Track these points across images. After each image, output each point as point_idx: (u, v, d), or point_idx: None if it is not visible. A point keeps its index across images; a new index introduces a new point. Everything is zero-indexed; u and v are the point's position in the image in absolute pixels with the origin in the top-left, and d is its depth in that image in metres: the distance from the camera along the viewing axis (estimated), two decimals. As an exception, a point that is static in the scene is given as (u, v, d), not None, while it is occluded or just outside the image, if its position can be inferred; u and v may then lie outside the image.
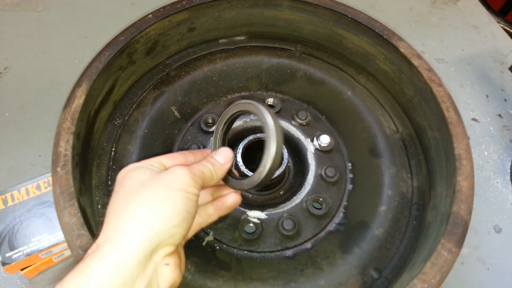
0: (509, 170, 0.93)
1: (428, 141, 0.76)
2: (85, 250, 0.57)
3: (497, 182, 0.91)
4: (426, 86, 0.73)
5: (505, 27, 1.82)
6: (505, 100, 1.02)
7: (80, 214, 0.58)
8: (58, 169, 0.62)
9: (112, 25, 0.84)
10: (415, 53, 0.76)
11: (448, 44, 1.11)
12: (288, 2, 0.82)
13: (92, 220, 0.65)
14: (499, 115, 1.00)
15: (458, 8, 1.20)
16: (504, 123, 0.99)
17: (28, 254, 0.72)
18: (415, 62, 0.74)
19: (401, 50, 0.76)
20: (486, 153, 0.95)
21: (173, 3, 0.80)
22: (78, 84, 0.69)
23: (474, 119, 0.99)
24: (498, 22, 1.80)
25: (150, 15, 0.77)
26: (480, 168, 0.93)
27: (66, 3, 1.11)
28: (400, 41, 0.77)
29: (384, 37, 0.77)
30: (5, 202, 0.76)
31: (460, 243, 0.59)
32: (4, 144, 0.91)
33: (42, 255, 0.74)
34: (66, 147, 0.63)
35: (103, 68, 0.71)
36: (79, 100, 0.67)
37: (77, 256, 0.57)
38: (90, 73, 0.70)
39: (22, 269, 0.74)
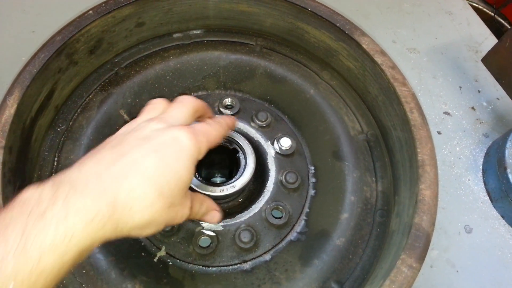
0: (481, 167, 0.90)
1: (393, 143, 0.71)
2: None
3: (469, 180, 0.88)
4: (389, 85, 0.68)
5: (485, 9, 1.77)
6: (479, 91, 0.98)
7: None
8: (-15, 189, 0.56)
9: (64, 17, 0.76)
10: (379, 49, 0.70)
11: (421, 33, 1.06)
12: (243, -6, 0.76)
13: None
14: (472, 107, 0.96)
15: (432, -7, 1.14)
16: (477, 116, 0.95)
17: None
18: (378, 59, 0.69)
19: (364, 46, 0.70)
20: (458, 148, 0.91)
21: (116, -3, 0.73)
22: (9, 92, 0.62)
23: (446, 113, 0.95)
24: (476, 4, 1.75)
25: (91, 11, 0.70)
26: (452, 165, 0.89)
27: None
28: (362, 36, 0.71)
29: (346, 32, 0.72)
30: None
31: (421, 258, 0.56)
32: None
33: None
34: (-6, 164, 0.57)
35: (38, 72, 0.64)
36: (10, 110, 0.61)
37: None
38: (23, 79, 0.63)
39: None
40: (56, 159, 0.71)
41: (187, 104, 0.55)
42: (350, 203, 0.69)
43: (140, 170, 0.44)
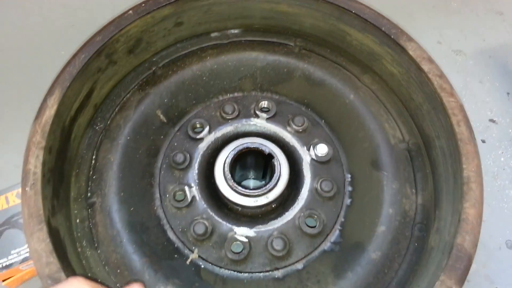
0: (527, 179, 0.85)
1: (436, 155, 0.68)
2: (54, 280, 0.53)
3: (513, 192, 0.84)
4: (436, 94, 0.65)
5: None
6: (528, 98, 0.93)
7: (49, 240, 0.55)
8: (27, 188, 0.57)
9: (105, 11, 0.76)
10: (426, 56, 0.67)
11: (468, 34, 1.01)
12: (285, -5, 0.74)
13: (67, 239, 0.62)
14: (520, 115, 0.91)
15: (482, -9, 1.08)
16: (525, 124, 0.90)
17: (8, 267, 0.70)
18: (425, 67, 0.66)
19: (410, 52, 0.67)
20: (502, 159, 0.87)
21: (155, -3, 0.72)
22: (49, 92, 0.63)
23: (491, 120, 0.90)
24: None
25: (131, 11, 0.70)
26: (495, 176, 0.85)
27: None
28: (409, 42, 0.68)
29: (392, 36, 0.69)
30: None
31: (462, 280, 0.54)
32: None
33: (23, 267, 0.71)
34: (36, 163, 0.58)
35: (78, 72, 0.65)
36: (50, 111, 0.62)
37: (46, 287, 0.53)
38: (63, 80, 0.64)
39: (3, 280, 0.72)
40: (94, 157, 0.72)
41: None
42: (387, 216, 0.67)
43: None
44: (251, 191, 0.68)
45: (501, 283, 0.76)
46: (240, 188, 0.68)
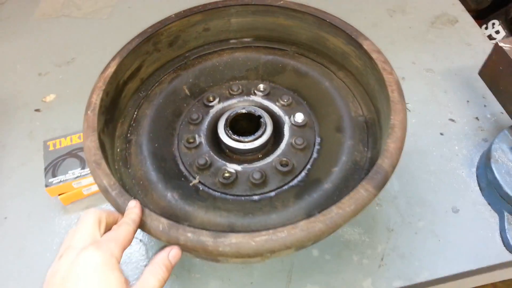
0: (476, 164, 1.02)
1: (382, 121, 0.90)
2: (97, 163, 0.79)
3: (463, 172, 1.01)
4: (380, 75, 0.88)
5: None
6: (485, 106, 1.12)
7: (98, 141, 0.81)
8: (89, 112, 0.86)
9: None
10: (376, 49, 0.92)
11: (439, 57, 1.24)
12: (281, 10, 1.04)
13: (109, 156, 0.88)
14: (476, 117, 1.10)
15: (455, 28, 1.32)
16: (480, 124, 1.09)
17: (64, 181, 0.97)
18: (374, 56, 0.90)
19: (365, 47, 0.92)
20: (456, 147, 1.05)
21: (191, 8, 1.05)
22: (112, 59, 0.94)
23: (451, 119, 1.10)
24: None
25: (173, 15, 1.03)
26: (449, 160, 1.03)
27: (127, 13, 1.42)
28: (365, 40, 0.94)
29: (353, 37, 0.95)
30: (54, 145, 1.02)
31: (378, 186, 0.73)
32: (64, 111, 1.20)
33: (74, 184, 0.98)
34: (97, 98, 0.88)
35: (133, 49, 0.96)
36: (111, 70, 0.92)
37: (92, 167, 0.79)
38: (122, 52, 0.95)
39: (59, 194, 0.99)
40: (135, 113, 1.01)
41: (87, 221, 0.59)
42: (342, 162, 0.88)
43: None
44: (242, 137, 0.93)
45: (444, 237, 0.92)
46: (234, 135, 0.93)
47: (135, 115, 1.00)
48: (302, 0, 1.35)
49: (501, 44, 0.94)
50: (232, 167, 0.91)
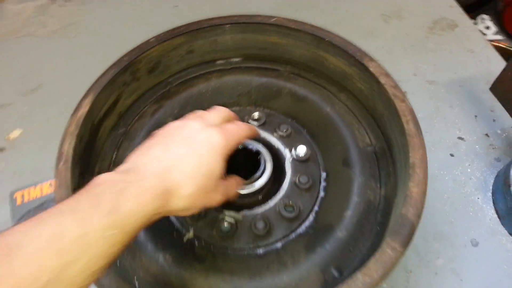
0: (491, 187, 0.95)
1: (395, 153, 0.81)
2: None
3: (478, 198, 0.94)
4: (390, 101, 0.79)
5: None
6: (494, 120, 1.05)
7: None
8: (60, 165, 0.73)
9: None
10: (383, 72, 0.82)
11: (441, 68, 1.16)
12: (274, 28, 0.92)
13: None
14: (486, 134, 1.03)
15: (456, 34, 1.24)
16: (491, 142, 1.01)
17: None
18: (382, 80, 0.81)
19: (371, 69, 0.82)
20: (469, 170, 0.97)
21: (173, 29, 0.92)
22: (85, 96, 0.81)
23: (460, 138, 1.02)
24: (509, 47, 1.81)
25: (153, 39, 0.90)
26: (462, 184, 0.96)
27: (98, 29, 1.28)
28: (370, 61, 0.84)
29: (357, 58, 0.85)
30: (22, 198, 0.89)
31: (405, 243, 0.64)
32: (32, 148, 1.06)
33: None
34: (69, 147, 0.75)
35: (108, 83, 0.83)
36: (84, 110, 0.79)
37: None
38: (96, 87, 0.82)
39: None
40: (114, 155, 0.88)
41: (220, 110, 0.70)
42: (354, 203, 0.79)
43: (182, 167, 0.56)
44: (242, 181, 0.82)
45: (466, 276, 0.84)
46: (231, 179, 0.82)
47: (114, 157, 0.88)
48: (294, 13, 1.25)
49: (518, 61, 0.86)
50: (231, 215, 0.80)
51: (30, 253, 0.41)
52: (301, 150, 0.87)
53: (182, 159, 0.57)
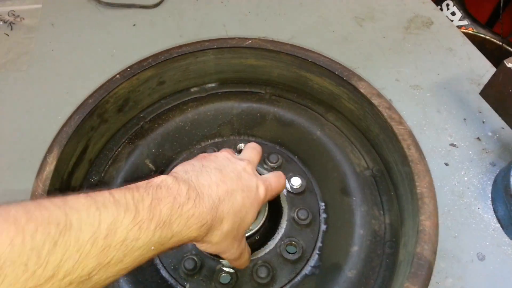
0: (490, 195, 0.92)
1: (396, 177, 0.76)
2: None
3: (478, 208, 0.91)
4: (387, 124, 0.74)
5: (493, 39, 1.83)
6: (483, 122, 1.02)
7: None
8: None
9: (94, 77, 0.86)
10: (375, 92, 0.77)
11: (423, 70, 1.12)
12: (250, 50, 0.85)
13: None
14: (478, 138, 1.00)
15: (432, 31, 1.21)
16: (483, 146, 0.98)
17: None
18: (375, 101, 0.75)
19: (361, 90, 0.77)
20: (466, 178, 0.94)
21: (139, 61, 0.83)
22: (49, 150, 0.72)
23: (452, 144, 0.99)
24: (483, 35, 1.82)
25: (118, 75, 0.81)
26: (461, 195, 0.92)
27: (51, 59, 1.16)
28: (360, 81, 0.78)
29: (344, 78, 0.79)
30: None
31: (425, 285, 0.60)
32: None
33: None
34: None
35: (74, 131, 0.74)
36: (50, 167, 0.70)
37: None
38: (60, 139, 0.73)
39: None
40: (90, 207, 0.79)
41: (257, 149, 0.71)
42: (359, 236, 0.74)
43: (231, 202, 0.55)
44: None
45: (477, 294, 0.81)
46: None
47: (90, 211, 0.78)
48: (263, 23, 1.18)
49: (509, 65, 0.82)
50: (229, 265, 0.73)
51: (82, 240, 0.38)
52: (296, 181, 0.80)
53: (233, 195, 0.56)
